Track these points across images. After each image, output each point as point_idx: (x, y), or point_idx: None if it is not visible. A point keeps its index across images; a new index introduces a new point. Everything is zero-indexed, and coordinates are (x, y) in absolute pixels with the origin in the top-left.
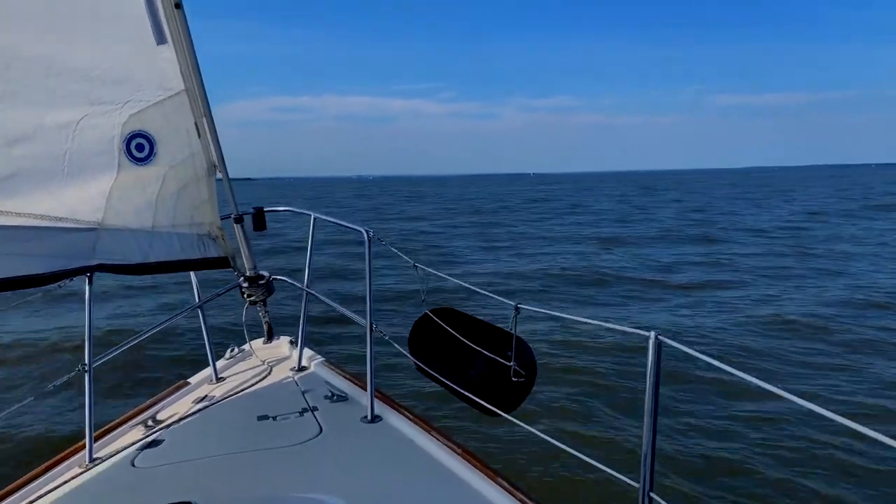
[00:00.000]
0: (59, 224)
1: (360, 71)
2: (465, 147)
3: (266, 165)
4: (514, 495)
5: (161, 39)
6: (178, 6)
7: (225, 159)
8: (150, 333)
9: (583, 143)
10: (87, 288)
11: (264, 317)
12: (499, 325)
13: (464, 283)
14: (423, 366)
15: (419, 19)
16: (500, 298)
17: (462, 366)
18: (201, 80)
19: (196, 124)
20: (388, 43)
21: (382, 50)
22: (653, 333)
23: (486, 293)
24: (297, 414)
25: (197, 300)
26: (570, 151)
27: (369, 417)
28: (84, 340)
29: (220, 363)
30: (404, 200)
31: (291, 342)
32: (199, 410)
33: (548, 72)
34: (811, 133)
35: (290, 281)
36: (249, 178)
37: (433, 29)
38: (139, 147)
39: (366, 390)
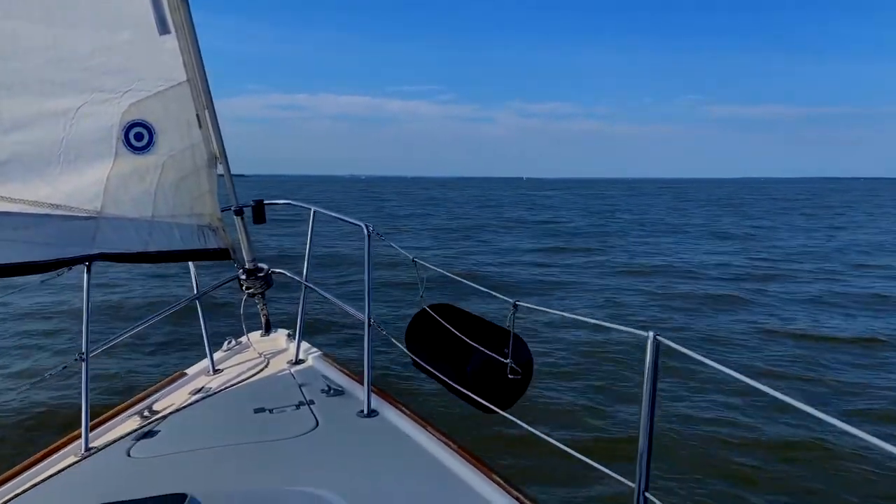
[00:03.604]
0: (57, 211)
1: (358, 71)
2: (459, 149)
3: (259, 162)
4: (509, 492)
5: (164, 30)
6: None
7: (223, 143)
8: (147, 323)
9: (576, 149)
10: (85, 276)
11: (262, 309)
12: (497, 323)
13: (462, 279)
14: (419, 361)
15: (419, 22)
16: (499, 295)
17: (459, 362)
18: (204, 72)
19: (198, 115)
20: (387, 44)
21: (381, 51)
22: (651, 333)
23: (485, 290)
24: (294, 407)
25: (195, 291)
26: (563, 157)
27: (366, 412)
28: (81, 329)
29: (217, 355)
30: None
31: (289, 335)
32: (196, 402)
33: (545, 78)
34: (802, 146)
35: (289, 274)
36: (242, 175)
37: (433, 32)
38: (138, 136)
39: (363, 385)
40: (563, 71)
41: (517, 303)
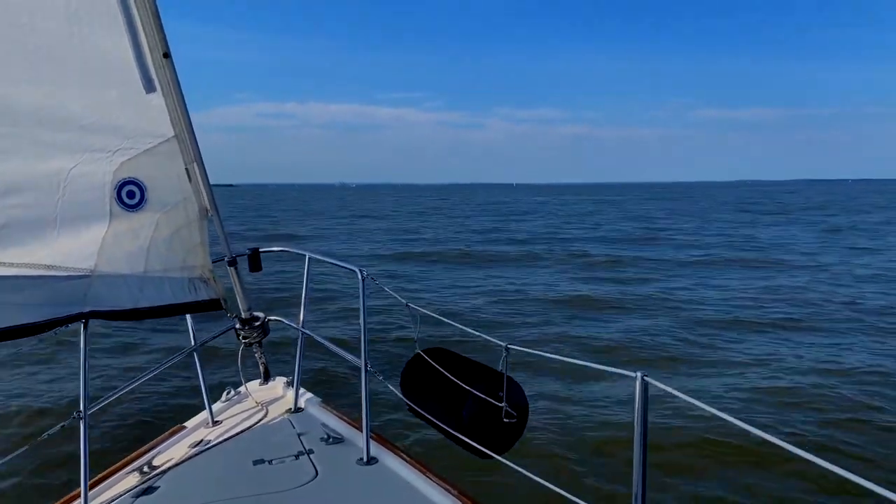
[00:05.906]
0: (51, 272)
1: (346, 79)
2: (449, 157)
3: (248, 171)
4: None
5: (150, 88)
6: (167, 56)
7: (213, 195)
8: (145, 378)
9: (566, 154)
10: (81, 334)
11: (260, 358)
12: (491, 366)
13: (456, 324)
14: (415, 406)
15: (407, 29)
16: (491, 339)
17: (454, 406)
18: (191, 126)
19: (187, 169)
20: (375, 52)
21: (369, 59)
22: (639, 374)
23: (478, 333)
24: (293, 457)
25: (193, 343)
26: (553, 163)
27: (365, 459)
28: (79, 387)
29: (216, 406)
30: None
31: (287, 383)
32: (195, 455)
33: (533, 84)
34: (790, 148)
35: (285, 322)
36: (231, 185)
37: (421, 39)
38: (130, 194)
39: (362, 431)
40: (550, 77)
41: (509, 346)
